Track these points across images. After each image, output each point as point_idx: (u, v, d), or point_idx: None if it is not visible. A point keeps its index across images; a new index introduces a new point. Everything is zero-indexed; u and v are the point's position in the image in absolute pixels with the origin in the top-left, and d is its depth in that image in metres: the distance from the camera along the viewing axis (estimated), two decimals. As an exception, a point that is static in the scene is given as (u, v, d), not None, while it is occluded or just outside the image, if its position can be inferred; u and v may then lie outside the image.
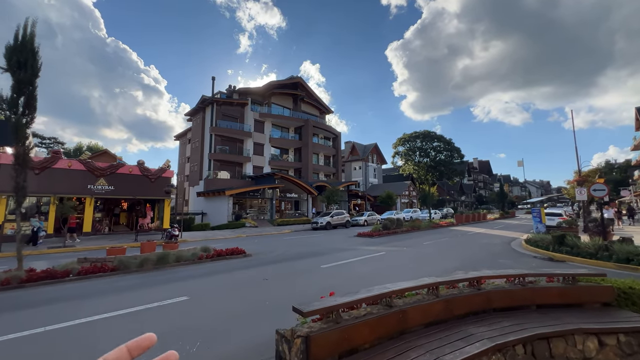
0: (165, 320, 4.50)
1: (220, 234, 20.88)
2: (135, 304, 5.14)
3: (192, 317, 4.61)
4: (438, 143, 56.43)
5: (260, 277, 7.22)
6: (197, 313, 4.80)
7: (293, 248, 12.58)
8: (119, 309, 4.91)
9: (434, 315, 3.18)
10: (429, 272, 7.79)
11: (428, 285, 3.38)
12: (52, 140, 49.95)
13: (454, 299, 3.32)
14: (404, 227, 19.01)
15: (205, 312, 4.85)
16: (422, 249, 12.15)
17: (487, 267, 8.50)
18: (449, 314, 3.28)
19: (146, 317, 4.65)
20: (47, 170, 16.27)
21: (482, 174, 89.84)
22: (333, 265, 8.55)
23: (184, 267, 8.29)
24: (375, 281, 6.85)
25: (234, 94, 38.10)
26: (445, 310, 3.25)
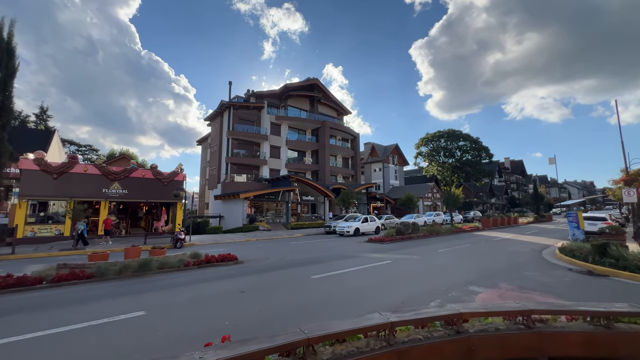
0: (96, 342, 3.92)
1: (230, 237, 20.66)
2: (83, 319, 4.64)
3: (129, 339, 4.00)
4: (464, 142, 53.57)
5: (240, 289, 6.54)
6: (139, 333, 4.18)
7: (293, 254, 11.83)
8: (60, 325, 4.42)
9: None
10: (431, 287, 6.70)
11: (378, 327, 2.31)
12: (87, 147, 53.41)
13: (414, 350, 2.26)
14: (420, 232, 17.59)
15: (150, 333, 4.21)
16: (434, 257, 10.89)
17: (508, 281, 7.23)
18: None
19: (80, 336, 4.10)
20: (64, 174, 16.87)
21: (515, 174, 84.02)
22: (325, 276, 7.68)
23: (166, 275, 7.83)
24: (363, 297, 5.93)
25: (251, 97, 38.37)
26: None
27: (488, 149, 52.78)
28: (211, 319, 4.73)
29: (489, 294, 6.18)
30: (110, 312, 5.02)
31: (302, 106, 41.83)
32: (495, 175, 70.47)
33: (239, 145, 35.56)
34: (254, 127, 36.37)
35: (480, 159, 52.73)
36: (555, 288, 6.67)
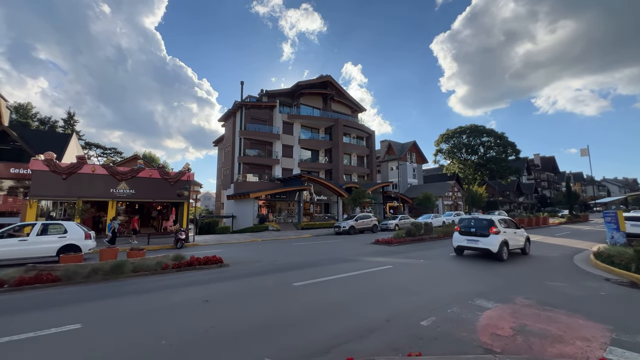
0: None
1: (236, 237, 20.25)
2: (6, 333, 4.07)
3: None
4: (488, 138, 50.34)
5: (210, 296, 5.82)
6: (48, 354, 3.52)
7: (288, 257, 11.03)
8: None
9: None
10: (429, 299, 5.62)
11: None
12: (112, 150, 55.71)
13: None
14: (434, 234, 16.21)
15: (62, 354, 3.55)
16: (443, 262, 9.67)
17: (527, 293, 6.00)
18: None
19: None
20: (73, 175, 17.13)
21: (546, 171, 78.52)
22: (310, 284, 6.80)
23: (139, 279, 7.28)
24: (342, 312, 4.99)
25: (263, 97, 38.13)
26: None
27: (514, 145, 49.24)
28: (149, 336, 4.00)
29: (499, 311, 5.03)
30: (45, 323, 4.44)
31: (315, 104, 41.06)
32: (524, 172, 66.06)
33: (251, 145, 35.39)
34: (266, 127, 36.07)
35: (505, 156, 49.31)
36: (587, 304, 5.38)
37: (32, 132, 26.28)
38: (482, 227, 10.08)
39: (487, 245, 9.74)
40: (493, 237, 9.68)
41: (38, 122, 41.19)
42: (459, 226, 10.88)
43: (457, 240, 10.74)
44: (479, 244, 9.96)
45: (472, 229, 10.31)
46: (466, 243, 10.37)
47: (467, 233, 10.38)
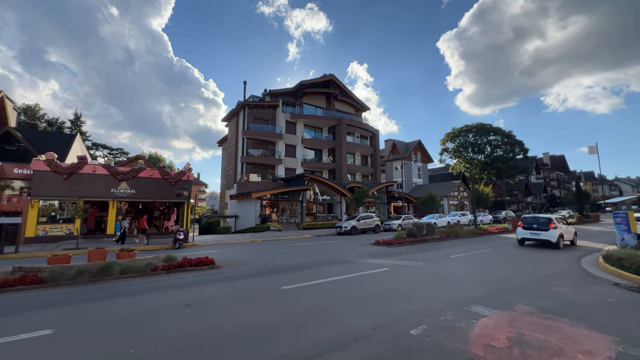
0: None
1: (236, 237, 20.13)
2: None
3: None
4: (494, 137, 49.25)
5: (194, 300, 5.62)
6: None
7: (283, 258, 10.80)
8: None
9: None
10: (422, 305, 5.31)
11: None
12: (118, 150, 56.29)
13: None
14: (436, 234, 15.80)
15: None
16: (443, 264, 9.32)
17: (528, 299, 5.65)
18: None
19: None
20: (74, 175, 17.21)
21: (556, 170, 76.80)
22: (299, 287, 6.55)
23: (126, 281, 7.12)
24: (326, 319, 4.74)
25: (266, 96, 38.02)
26: None
27: (522, 144, 48.16)
28: (120, 344, 3.81)
29: (496, 319, 4.70)
30: (19, 328, 4.28)
31: (318, 103, 40.79)
32: (532, 172, 64.71)
33: (254, 145, 35.31)
34: (268, 126, 35.95)
35: (513, 155, 48.33)
36: (593, 312, 5.01)
37: (37, 133, 26.60)
38: (543, 223, 12.88)
39: (547, 237, 12.40)
40: (552, 230, 12.38)
41: (46, 123, 41.82)
42: (522, 222, 13.75)
43: (520, 234, 13.49)
44: (541, 236, 12.64)
45: (534, 225, 13.07)
46: (529, 235, 13.08)
47: (529, 228, 13.13)
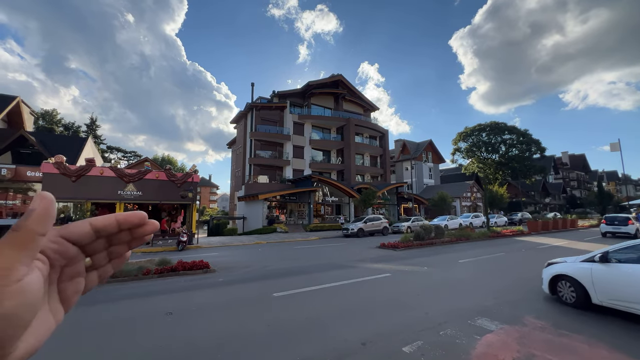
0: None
1: (240, 239, 20.00)
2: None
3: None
4: (509, 136, 47.87)
5: (177, 308, 5.35)
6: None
7: (282, 262, 10.46)
8: None
9: None
10: (420, 316, 4.84)
11: None
12: (132, 153, 57.62)
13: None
14: (446, 237, 15.12)
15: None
16: (450, 270, 8.75)
17: (540, 312, 5.09)
18: None
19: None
20: (82, 177, 17.47)
21: (576, 170, 73.66)
22: (290, 294, 6.19)
23: (116, 285, 6.96)
24: (313, 331, 4.35)
25: (274, 97, 37.99)
26: None
27: (539, 142, 46.49)
28: (82, 358, 3.54)
29: (503, 335, 4.19)
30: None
31: (326, 104, 40.45)
32: (550, 171, 62.29)
33: (262, 146, 35.28)
34: (276, 128, 35.87)
35: (529, 154, 46.64)
36: (615, 329, 4.42)
37: (51, 136, 27.38)
38: (622, 220, 17.11)
39: (627, 230, 16.60)
40: (630, 226, 16.65)
41: (62, 127, 43.22)
42: (605, 220, 17.98)
43: (604, 229, 17.63)
44: (622, 230, 16.81)
45: (616, 221, 17.32)
46: (612, 229, 17.23)
47: (612, 224, 17.30)
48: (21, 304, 0.27)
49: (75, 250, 0.35)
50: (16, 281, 0.27)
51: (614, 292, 4.76)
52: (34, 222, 0.29)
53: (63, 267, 0.35)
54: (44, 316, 0.32)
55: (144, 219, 0.39)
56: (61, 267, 0.35)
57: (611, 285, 4.80)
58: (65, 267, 0.35)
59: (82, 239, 0.35)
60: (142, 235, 0.39)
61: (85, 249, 0.36)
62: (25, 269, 0.28)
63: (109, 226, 0.36)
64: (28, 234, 0.28)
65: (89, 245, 0.36)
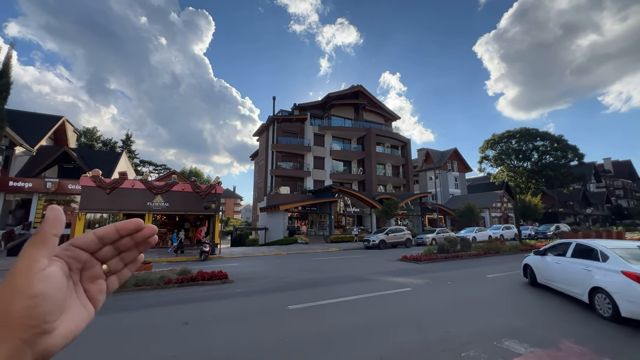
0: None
1: (262, 250, 20.16)
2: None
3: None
4: (542, 142, 45.22)
5: (193, 318, 5.42)
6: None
7: (300, 273, 10.34)
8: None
9: None
10: (441, 336, 4.53)
11: None
12: (162, 167, 60.84)
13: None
14: (473, 250, 14.30)
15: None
16: (476, 285, 8.21)
17: (580, 336, 4.60)
18: None
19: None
20: (116, 190, 18.60)
21: (621, 178, 67.76)
22: (306, 307, 6.07)
23: (139, 293, 7.19)
24: (323, 348, 4.20)
25: (295, 110, 38.76)
26: None
27: (576, 148, 43.41)
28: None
29: (533, 359, 3.81)
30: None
31: (347, 115, 40.61)
32: (591, 179, 57.80)
33: (283, 158, 35.87)
34: (297, 139, 36.41)
35: (566, 161, 43.60)
36: (670, 358, 3.87)
37: (91, 152, 29.60)
38: None
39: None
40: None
41: (101, 143, 46.70)
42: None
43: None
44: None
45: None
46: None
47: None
48: (49, 287, 0.34)
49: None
50: (41, 270, 0.34)
51: (545, 275, 7.36)
52: (48, 226, 0.36)
53: (82, 271, 0.41)
54: (77, 309, 0.39)
55: (139, 225, 0.43)
56: (80, 271, 0.41)
57: (543, 270, 7.42)
58: (84, 270, 0.42)
59: (89, 245, 0.41)
60: (142, 239, 0.44)
61: (97, 256, 0.42)
62: (47, 262, 0.35)
63: (109, 233, 0.42)
64: (45, 234, 0.36)
65: (98, 252, 0.42)
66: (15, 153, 21.23)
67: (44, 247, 0.36)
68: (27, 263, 0.34)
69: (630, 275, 5.02)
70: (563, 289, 6.65)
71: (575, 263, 6.30)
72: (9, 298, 0.32)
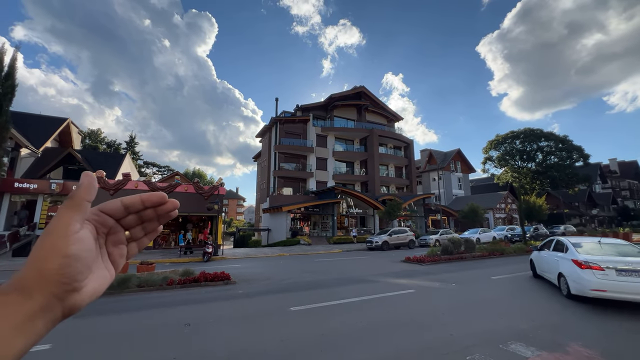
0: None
1: (264, 251, 20.15)
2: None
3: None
4: (547, 143, 44.80)
5: (196, 319, 5.39)
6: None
7: (303, 275, 10.29)
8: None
9: None
10: (445, 338, 4.47)
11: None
12: (165, 168, 61.10)
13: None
14: (476, 252, 14.16)
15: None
16: (481, 287, 8.12)
17: (588, 339, 4.51)
18: None
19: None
20: (120, 191, 18.71)
21: (627, 178, 66.98)
22: (307, 309, 6.02)
23: (142, 294, 7.19)
24: (322, 351, 4.16)
25: (297, 111, 38.78)
26: None
27: (581, 149, 42.97)
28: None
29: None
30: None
31: (349, 115, 40.56)
32: (597, 180, 57.17)
33: (286, 159, 35.89)
34: (299, 140, 36.43)
35: (571, 162, 43.16)
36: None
37: (95, 153, 29.82)
38: None
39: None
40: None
41: (105, 145, 47.08)
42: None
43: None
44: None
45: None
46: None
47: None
48: (81, 248, 0.37)
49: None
50: (75, 233, 0.37)
51: (540, 267, 8.65)
52: (82, 191, 0.39)
53: (107, 235, 0.45)
54: (101, 270, 0.42)
55: (163, 198, 0.47)
56: (105, 235, 0.45)
57: (539, 263, 8.76)
58: (109, 235, 0.45)
59: (115, 212, 0.45)
60: (165, 212, 0.48)
61: (121, 223, 0.45)
62: (79, 226, 0.38)
63: (135, 203, 0.45)
64: (79, 199, 0.38)
65: (123, 219, 0.46)
66: (21, 155, 21.41)
67: (78, 211, 0.38)
68: (63, 225, 0.36)
69: (575, 262, 6.40)
70: (548, 277, 7.92)
71: (553, 255, 7.64)
72: (45, 256, 0.35)
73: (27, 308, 0.33)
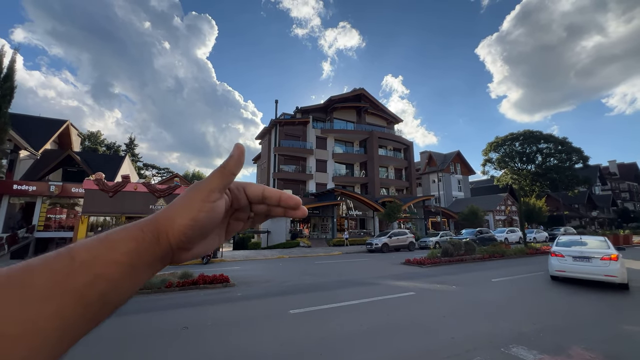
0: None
1: (264, 253, 20.07)
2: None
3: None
4: (546, 145, 44.85)
5: (193, 323, 5.34)
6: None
7: (302, 277, 10.23)
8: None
9: None
10: (445, 341, 4.42)
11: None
12: (165, 170, 61.04)
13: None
14: (477, 254, 14.11)
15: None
16: (481, 290, 8.07)
17: (591, 341, 4.47)
18: None
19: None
20: (118, 193, 18.64)
21: (627, 180, 67.05)
22: (306, 312, 5.96)
23: (140, 297, 7.14)
24: (320, 356, 4.10)
25: (297, 113, 38.83)
26: None
27: (581, 151, 43.05)
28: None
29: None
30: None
31: (349, 118, 40.61)
32: (596, 182, 57.16)
33: (286, 161, 35.86)
34: (299, 142, 36.43)
35: (570, 164, 43.21)
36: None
37: (94, 155, 29.79)
38: None
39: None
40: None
41: (105, 147, 47.06)
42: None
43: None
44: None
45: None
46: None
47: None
48: (209, 217, 0.38)
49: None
50: (212, 202, 0.38)
51: None
52: (232, 164, 0.39)
53: (235, 210, 0.45)
54: (213, 238, 0.43)
55: (297, 204, 0.46)
56: (234, 210, 0.45)
57: None
58: (237, 211, 0.46)
59: (254, 197, 0.45)
60: (292, 216, 0.47)
61: (252, 206, 0.46)
62: (219, 196, 0.39)
63: (273, 198, 0.45)
64: (227, 171, 0.39)
65: (255, 205, 0.46)
66: (20, 156, 21.37)
67: (223, 183, 0.38)
68: (207, 189, 0.37)
69: (551, 253, 8.63)
70: None
71: None
72: (179, 212, 0.37)
73: (157, 251, 0.36)
